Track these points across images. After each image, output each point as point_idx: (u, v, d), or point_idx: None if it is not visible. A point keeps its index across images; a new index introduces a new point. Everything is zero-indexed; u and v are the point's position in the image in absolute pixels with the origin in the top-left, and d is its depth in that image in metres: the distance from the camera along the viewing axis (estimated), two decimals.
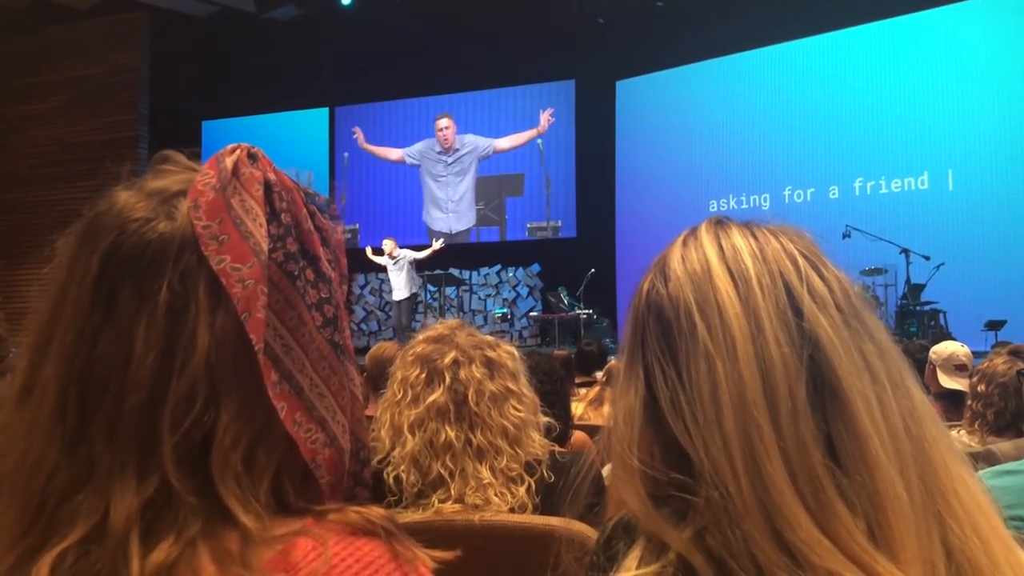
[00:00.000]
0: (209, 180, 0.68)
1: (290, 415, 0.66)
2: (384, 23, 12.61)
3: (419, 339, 1.87)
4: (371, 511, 0.67)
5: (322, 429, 0.68)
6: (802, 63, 12.26)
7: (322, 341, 0.70)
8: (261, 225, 0.67)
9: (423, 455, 1.70)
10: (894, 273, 10.37)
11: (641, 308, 0.79)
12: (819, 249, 0.78)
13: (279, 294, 0.68)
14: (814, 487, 0.68)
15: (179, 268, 0.66)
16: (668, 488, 0.74)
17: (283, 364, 0.67)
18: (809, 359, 0.71)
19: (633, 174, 13.84)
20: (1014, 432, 2.77)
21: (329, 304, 0.71)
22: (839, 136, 11.73)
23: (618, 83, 13.92)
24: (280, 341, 0.67)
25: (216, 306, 0.65)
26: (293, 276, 0.69)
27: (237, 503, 0.62)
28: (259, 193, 0.69)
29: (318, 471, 0.67)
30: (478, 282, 14.24)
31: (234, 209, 0.67)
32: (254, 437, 0.65)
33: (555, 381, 2.67)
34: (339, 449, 0.69)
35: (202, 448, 0.63)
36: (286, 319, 0.68)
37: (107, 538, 0.61)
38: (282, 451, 0.66)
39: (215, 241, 0.66)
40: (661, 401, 0.75)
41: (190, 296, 0.65)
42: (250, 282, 0.65)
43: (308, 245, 0.71)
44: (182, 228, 0.67)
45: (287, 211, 0.70)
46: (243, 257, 0.66)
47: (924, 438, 0.72)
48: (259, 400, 0.65)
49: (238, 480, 0.63)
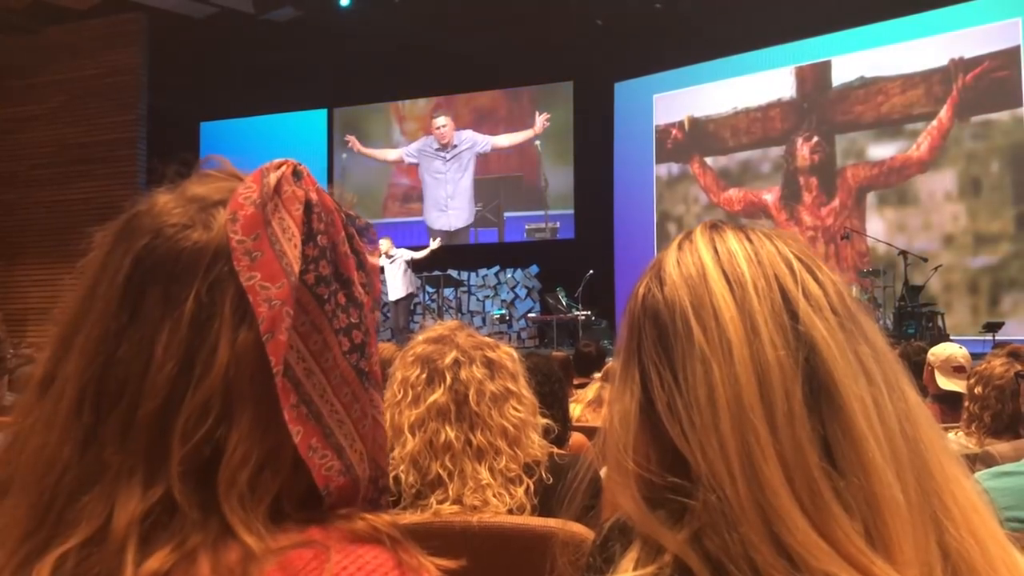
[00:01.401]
0: (250, 194, 0.68)
1: (306, 440, 0.65)
2: (382, 24, 12.61)
3: (419, 340, 1.87)
4: (378, 518, 0.67)
5: (338, 456, 0.67)
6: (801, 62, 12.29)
7: (347, 367, 0.69)
8: (296, 246, 0.67)
9: (423, 455, 1.71)
10: (892, 275, 10.40)
11: (637, 311, 0.80)
12: (813, 252, 0.79)
13: (306, 317, 0.67)
14: (811, 490, 0.68)
15: (209, 279, 0.65)
16: (664, 491, 0.74)
17: (303, 388, 0.66)
18: (805, 362, 0.72)
19: (631, 176, 13.86)
20: (1012, 434, 2.77)
21: (358, 330, 0.70)
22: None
23: (616, 84, 13.93)
24: (302, 364, 0.66)
25: (240, 322, 0.65)
26: (323, 299, 0.68)
27: (240, 522, 0.62)
28: (299, 213, 0.68)
29: (330, 499, 0.67)
30: (476, 283, 14.24)
31: (271, 227, 0.66)
32: (263, 458, 0.64)
33: (553, 382, 2.67)
34: (355, 478, 0.69)
35: (210, 463, 0.63)
36: (310, 343, 0.67)
37: (107, 543, 0.61)
38: (286, 474, 0.66)
39: (248, 257, 0.65)
40: (657, 404, 0.75)
41: (216, 309, 0.65)
42: (277, 302, 0.65)
43: (343, 268, 0.70)
44: (217, 239, 0.66)
45: (324, 233, 0.69)
46: (274, 276, 0.65)
47: (920, 440, 0.73)
48: (272, 421, 0.65)
49: (242, 500, 0.63)
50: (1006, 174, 10.62)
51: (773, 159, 12.57)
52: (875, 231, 11.40)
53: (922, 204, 11.24)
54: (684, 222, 13.19)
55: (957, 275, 10.86)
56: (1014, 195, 10.55)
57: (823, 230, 11.95)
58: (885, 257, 10.98)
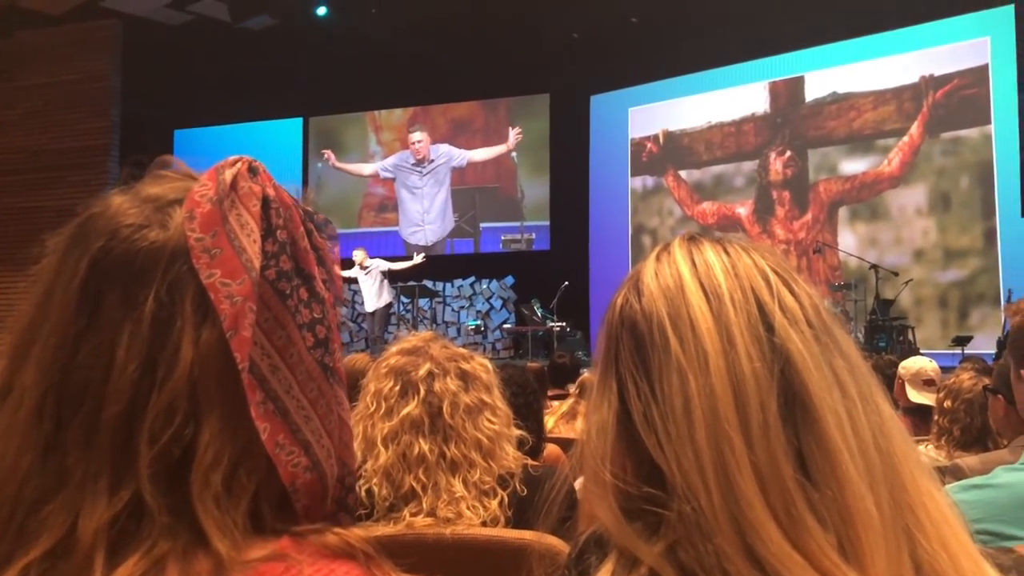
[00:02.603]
0: (206, 192, 0.67)
1: (272, 437, 0.65)
2: (359, 34, 12.61)
3: (392, 351, 1.86)
4: (351, 533, 0.66)
5: (305, 452, 0.67)
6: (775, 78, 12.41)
7: (311, 362, 0.69)
8: (255, 241, 0.66)
9: (396, 468, 1.70)
10: (863, 288, 10.51)
11: (615, 322, 0.80)
12: (790, 266, 0.79)
13: (268, 312, 0.66)
14: (785, 501, 0.69)
15: (168, 279, 0.64)
16: (640, 502, 0.74)
17: (269, 384, 0.65)
18: (780, 374, 0.72)
19: (606, 188, 13.93)
20: (980, 447, 2.80)
21: (321, 325, 0.70)
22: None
23: (592, 97, 14.01)
24: (267, 360, 0.66)
25: (203, 321, 0.64)
26: (285, 295, 0.67)
27: (214, 525, 0.61)
28: (256, 208, 0.67)
29: (295, 495, 0.66)
30: (451, 294, 14.23)
31: (229, 223, 0.66)
32: (236, 457, 0.63)
33: (528, 394, 2.67)
34: (321, 474, 0.68)
35: (181, 466, 0.62)
36: (274, 338, 0.66)
37: (73, 553, 0.59)
38: (263, 472, 0.65)
39: (207, 254, 0.65)
40: (634, 415, 0.75)
41: (176, 308, 0.64)
42: (239, 299, 0.64)
43: (303, 264, 0.70)
44: (175, 238, 0.66)
45: (283, 228, 0.68)
46: (234, 273, 0.64)
47: (893, 453, 0.73)
48: (242, 419, 0.64)
49: (217, 501, 0.62)
50: (975, 190, 10.78)
51: (747, 173, 12.68)
52: (847, 245, 11.52)
53: (893, 219, 11.38)
54: (658, 234, 13.27)
55: (927, 289, 11.00)
56: (983, 211, 10.71)
57: (796, 244, 12.06)
58: (857, 271, 11.09)
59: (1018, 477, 1.55)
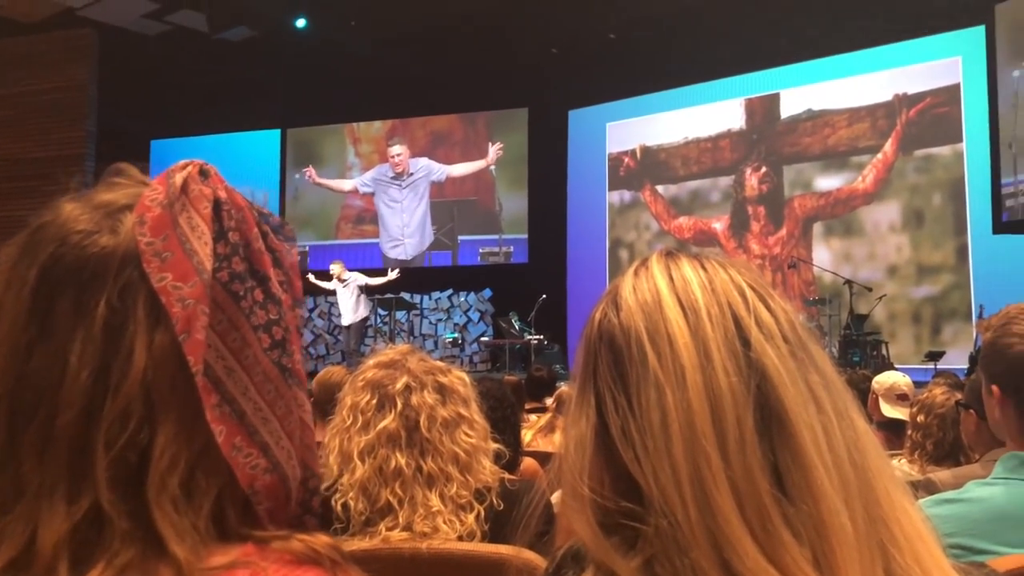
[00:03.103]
0: (157, 196, 0.67)
1: (229, 439, 0.64)
2: (338, 46, 12.59)
3: (369, 364, 1.85)
4: (316, 539, 0.65)
5: (264, 455, 0.66)
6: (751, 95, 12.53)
7: (268, 364, 0.68)
8: (207, 243, 0.66)
9: (372, 482, 1.69)
10: (837, 303, 10.59)
11: (593, 337, 0.80)
12: (766, 281, 0.80)
13: (222, 314, 0.66)
14: (761, 516, 0.69)
15: (119, 284, 0.64)
16: (618, 517, 0.74)
17: (224, 386, 0.65)
18: (756, 389, 0.72)
19: (584, 202, 13.98)
20: (952, 461, 2.82)
21: (278, 326, 0.69)
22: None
23: (570, 112, 14.08)
24: (222, 363, 0.65)
25: (155, 325, 0.64)
26: (238, 296, 0.67)
27: (172, 530, 0.60)
28: (207, 211, 0.67)
29: (255, 497, 0.65)
30: (429, 306, 14.20)
31: (180, 226, 0.66)
32: (193, 460, 0.63)
33: (506, 407, 2.66)
34: (282, 475, 0.67)
35: (139, 471, 0.61)
36: (229, 340, 0.66)
37: (34, 564, 0.58)
38: (224, 475, 0.64)
39: (158, 258, 0.64)
40: (612, 429, 0.75)
41: (129, 313, 0.63)
42: (191, 302, 0.64)
43: (257, 265, 0.69)
44: (125, 243, 0.65)
45: (236, 230, 0.68)
46: (185, 276, 0.64)
47: (868, 468, 0.74)
48: (198, 422, 0.63)
49: (175, 504, 0.61)
50: (947, 207, 10.92)
51: (722, 188, 12.77)
52: (821, 260, 11.63)
53: (867, 235, 11.50)
54: (636, 248, 13.32)
55: (900, 305, 11.11)
56: (955, 227, 10.84)
57: (770, 259, 12.15)
58: (831, 286, 11.19)
59: (990, 491, 1.57)
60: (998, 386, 1.64)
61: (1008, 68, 10.01)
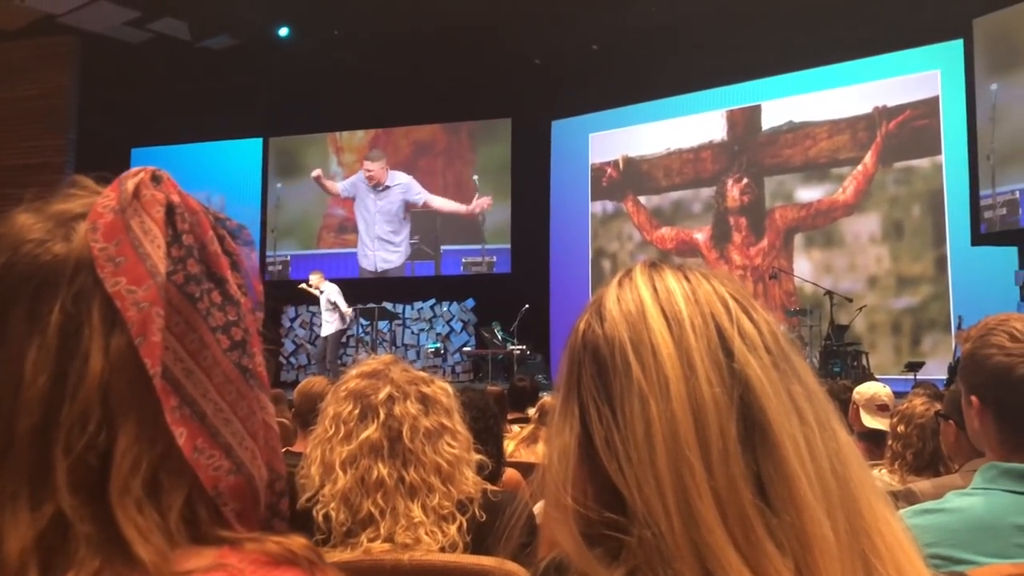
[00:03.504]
0: (109, 202, 0.67)
1: (190, 441, 0.64)
2: (321, 55, 12.58)
3: (352, 374, 1.84)
4: (292, 540, 0.65)
5: (227, 456, 0.66)
6: (732, 106, 12.61)
7: (228, 365, 0.68)
8: (160, 247, 0.66)
9: (354, 493, 1.68)
10: (818, 314, 10.65)
11: (577, 347, 0.80)
12: (748, 293, 0.80)
13: (178, 316, 0.66)
14: (744, 526, 0.69)
15: (73, 290, 0.64)
16: (601, 527, 0.74)
17: (184, 388, 0.65)
18: (739, 399, 0.73)
19: (567, 212, 14.01)
20: (932, 472, 2.84)
21: (237, 327, 0.69)
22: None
23: (553, 123, 14.13)
24: (181, 365, 0.65)
25: (111, 329, 0.63)
26: (194, 298, 0.67)
27: (136, 532, 0.60)
28: (160, 215, 0.67)
29: (220, 499, 0.65)
30: (412, 316, 14.17)
31: (132, 231, 0.66)
32: (156, 462, 0.63)
33: (488, 418, 2.66)
34: (247, 476, 0.67)
35: (102, 475, 0.61)
36: (187, 342, 0.66)
37: (2, 574, 0.58)
38: (190, 477, 0.64)
39: (111, 263, 0.64)
40: (596, 440, 0.75)
41: (84, 318, 0.63)
42: (145, 304, 0.64)
43: (214, 268, 0.69)
44: (78, 250, 0.65)
45: (190, 232, 0.68)
46: (139, 279, 0.64)
47: (850, 479, 0.74)
48: (159, 425, 0.63)
49: (140, 506, 0.61)
50: (927, 218, 11.02)
51: (704, 199, 12.84)
52: (802, 271, 11.70)
53: (847, 246, 11.58)
54: (618, 259, 13.36)
55: (881, 315, 11.19)
56: (934, 239, 10.94)
57: (752, 269, 12.21)
58: (812, 297, 11.25)
59: (969, 502, 1.58)
60: (977, 397, 1.65)
61: (986, 81, 10.13)
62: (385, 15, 11.33)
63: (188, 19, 11.86)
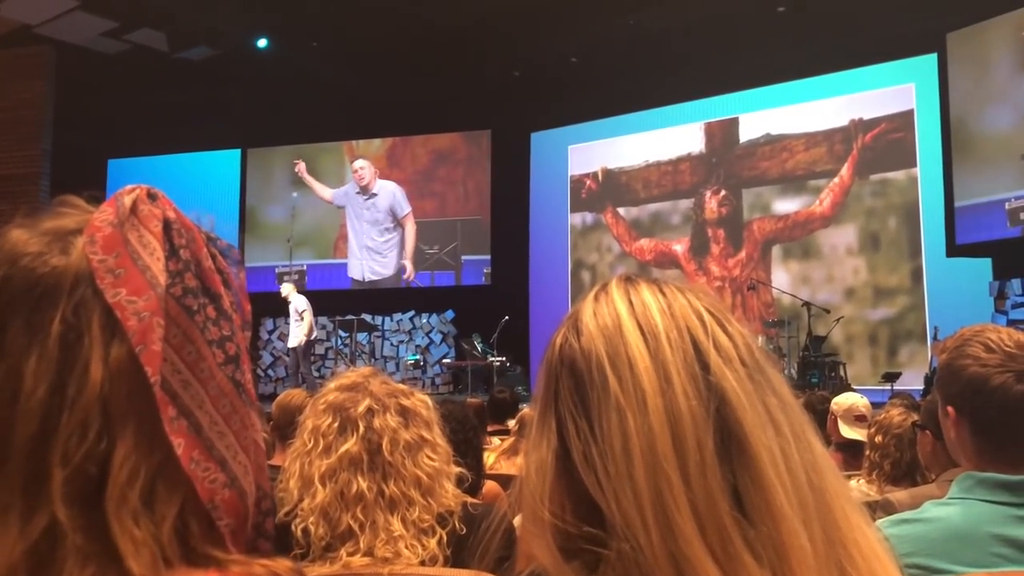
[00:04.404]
0: (106, 216, 0.67)
1: (187, 452, 0.64)
2: (300, 67, 12.56)
3: (331, 387, 1.83)
4: (278, 564, 0.65)
5: (221, 469, 0.66)
6: (710, 119, 12.70)
7: (223, 378, 0.68)
8: (159, 259, 0.66)
9: (333, 507, 1.67)
10: (796, 325, 10.72)
11: (554, 361, 0.80)
12: (723, 306, 0.81)
13: (177, 328, 0.66)
14: (722, 538, 0.69)
15: (72, 301, 0.64)
16: (579, 541, 0.74)
17: (181, 399, 0.65)
18: (716, 412, 0.73)
19: (546, 224, 14.04)
20: (909, 482, 2.86)
21: (231, 342, 0.70)
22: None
23: (533, 135, 14.16)
24: (178, 376, 0.65)
25: (111, 339, 0.64)
26: (192, 311, 0.67)
27: (130, 545, 0.59)
28: (158, 229, 0.68)
29: (215, 512, 0.65)
30: (391, 328, 14.12)
31: (131, 244, 0.66)
32: (154, 472, 0.62)
33: (468, 430, 2.65)
34: (240, 491, 0.67)
35: (98, 486, 0.61)
36: (184, 354, 0.66)
37: None
38: (185, 488, 0.64)
39: (111, 274, 0.65)
40: (573, 454, 0.76)
41: (84, 329, 0.64)
42: (146, 314, 0.64)
43: (209, 283, 0.70)
44: (76, 262, 0.66)
45: (186, 247, 0.69)
46: (139, 290, 0.65)
47: (825, 490, 0.74)
48: (157, 435, 0.63)
49: (136, 517, 0.60)
50: (902, 230, 11.13)
51: (683, 211, 12.91)
52: (780, 283, 11.78)
53: (825, 257, 11.68)
54: (597, 270, 13.40)
55: (858, 326, 11.27)
56: (910, 251, 11.05)
57: (730, 281, 12.28)
58: (790, 308, 11.32)
59: (946, 511, 1.59)
60: (953, 407, 1.67)
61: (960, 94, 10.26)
62: (363, 27, 11.33)
63: (166, 30, 11.80)
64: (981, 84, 10.15)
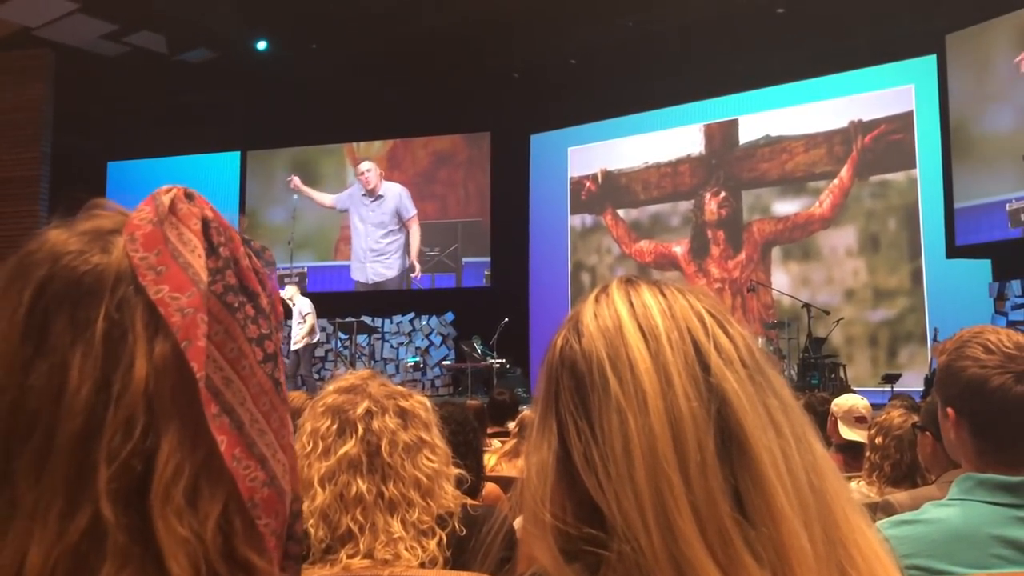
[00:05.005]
0: (146, 215, 0.68)
1: (229, 450, 0.64)
2: (299, 69, 12.56)
3: (329, 389, 1.83)
4: None
5: (261, 467, 0.66)
6: (710, 120, 12.71)
7: (263, 376, 0.68)
8: (200, 256, 0.66)
9: (333, 509, 1.67)
10: (796, 327, 10.72)
11: (555, 363, 0.80)
12: (723, 307, 0.81)
13: (219, 325, 0.66)
14: (723, 540, 0.69)
15: (116, 298, 0.64)
16: (580, 543, 0.74)
17: (223, 396, 0.65)
18: (717, 413, 0.73)
19: (546, 226, 14.05)
20: (910, 483, 2.86)
21: (269, 340, 0.70)
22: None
23: (532, 136, 14.17)
24: (220, 373, 0.65)
25: (155, 335, 0.64)
26: (233, 308, 0.67)
27: (172, 543, 0.59)
28: (197, 227, 0.68)
29: (255, 511, 0.64)
30: (391, 330, 14.12)
31: (171, 241, 0.66)
32: (197, 469, 0.62)
33: (467, 432, 2.65)
34: (279, 490, 0.67)
35: (141, 483, 0.61)
36: (226, 351, 0.66)
37: None
38: (227, 486, 0.64)
39: (153, 272, 0.65)
40: (574, 455, 0.75)
41: (127, 325, 0.63)
42: (189, 311, 0.64)
43: (247, 281, 0.70)
44: (117, 261, 0.66)
45: (225, 245, 0.69)
46: (182, 287, 0.65)
47: (826, 491, 0.74)
48: (200, 432, 0.63)
49: (180, 515, 0.60)
50: (902, 232, 11.14)
51: (682, 213, 12.92)
52: (780, 284, 11.78)
53: (824, 259, 11.68)
54: (597, 272, 13.40)
55: (858, 328, 11.28)
56: (909, 252, 11.05)
57: (730, 282, 12.28)
58: (790, 310, 11.33)
59: (946, 513, 1.59)
60: (953, 408, 1.67)
61: (960, 96, 10.27)
62: (362, 29, 11.34)
63: (165, 32, 11.81)
64: (981, 85, 10.17)
